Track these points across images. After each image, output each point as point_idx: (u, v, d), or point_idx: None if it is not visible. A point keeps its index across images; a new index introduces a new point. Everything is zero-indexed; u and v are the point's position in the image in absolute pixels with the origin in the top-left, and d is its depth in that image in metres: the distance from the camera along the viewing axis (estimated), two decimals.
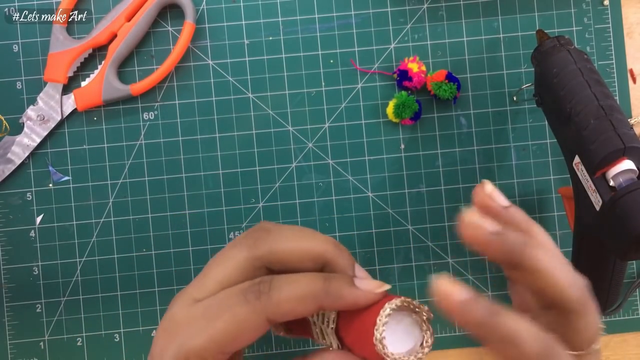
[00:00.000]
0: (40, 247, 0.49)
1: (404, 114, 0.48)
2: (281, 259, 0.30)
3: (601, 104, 0.37)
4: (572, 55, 0.40)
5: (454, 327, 0.50)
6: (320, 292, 0.29)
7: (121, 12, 0.48)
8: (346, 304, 0.29)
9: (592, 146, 0.36)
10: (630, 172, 0.35)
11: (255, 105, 0.50)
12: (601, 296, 0.43)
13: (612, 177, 0.36)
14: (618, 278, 0.42)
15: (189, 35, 0.48)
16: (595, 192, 0.36)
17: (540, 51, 0.42)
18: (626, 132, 0.36)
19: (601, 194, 0.36)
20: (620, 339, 0.51)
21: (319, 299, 0.29)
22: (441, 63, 0.50)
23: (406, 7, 0.50)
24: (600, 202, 0.36)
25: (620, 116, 0.37)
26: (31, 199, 0.50)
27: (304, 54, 0.50)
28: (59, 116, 0.49)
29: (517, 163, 0.50)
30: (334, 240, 0.32)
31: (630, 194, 0.34)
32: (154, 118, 0.50)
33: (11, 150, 0.49)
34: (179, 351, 0.29)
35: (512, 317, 0.27)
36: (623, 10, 0.51)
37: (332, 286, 0.29)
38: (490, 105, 0.50)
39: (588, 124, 0.37)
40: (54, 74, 0.48)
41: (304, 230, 0.32)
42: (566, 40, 0.42)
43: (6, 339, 0.49)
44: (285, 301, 0.28)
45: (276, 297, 0.28)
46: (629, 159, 0.35)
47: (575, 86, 0.38)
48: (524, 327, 0.26)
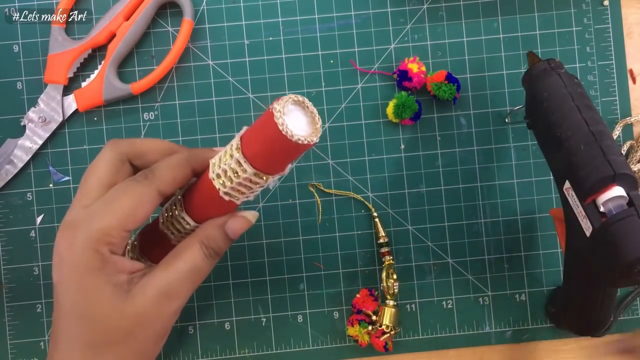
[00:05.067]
0: (40, 247, 0.50)
1: (404, 114, 0.48)
2: (140, 151, 0.37)
3: (591, 129, 0.37)
4: (562, 79, 0.40)
5: (454, 327, 0.50)
6: (189, 157, 0.36)
7: (119, 11, 0.48)
8: (210, 157, 0.36)
9: (582, 172, 0.36)
10: (620, 199, 0.35)
11: (255, 106, 0.50)
12: (592, 318, 0.44)
13: (602, 203, 0.35)
14: (609, 302, 0.42)
15: (187, 32, 0.48)
16: (586, 218, 0.36)
17: (531, 74, 0.42)
18: (616, 159, 0.36)
19: (591, 220, 0.36)
20: (620, 339, 0.51)
21: (190, 162, 0.36)
22: (441, 63, 0.50)
23: (406, 7, 0.50)
24: (591, 228, 0.36)
25: (610, 142, 0.37)
26: (31, 199, 0.50)
27: (304, 54, 0.50)
28: (60, 117, 0.49)
29: (517, 163, 0.51)
30: None
31: (620, 222, 0.34)
32: (154, 118, 0.50)
33: (14, 153, 0.49)
34: (87, 237, 0.33)
35: None
36: (623, 10, 0.51)
37: (196, 151, 0.37)
38: (490, 106, 0.50)
39: (578, 149, 0.37)
40: (54, 75, 0.48)
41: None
42: (557, 63, 0.42)
43: (6, 339, 0.49)
44: (167, 172, 0.35)
45: (159, 172, 0.35)
46: (618, 186, 0.35)
47: (566, 111, 0.38)
48: None
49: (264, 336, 0.50)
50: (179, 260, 0.35)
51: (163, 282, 0.34)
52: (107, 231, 0.33)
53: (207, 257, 0.36)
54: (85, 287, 0.33)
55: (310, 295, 0.50)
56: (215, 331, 0.50)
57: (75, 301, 0.33)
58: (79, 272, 0.33)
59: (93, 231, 0.33)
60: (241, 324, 0.50)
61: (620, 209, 0.35)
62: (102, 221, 0.33)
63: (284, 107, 0.31)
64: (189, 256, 0.35)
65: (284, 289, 0.50)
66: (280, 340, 0.50)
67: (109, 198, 0.34)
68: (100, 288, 0.33)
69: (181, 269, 0.35)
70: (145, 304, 0.33)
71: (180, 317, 0.49)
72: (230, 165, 0.33)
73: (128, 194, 0.34)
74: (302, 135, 0.31)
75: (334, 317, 0.50)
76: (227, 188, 0.34)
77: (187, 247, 0.35)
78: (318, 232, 0.50)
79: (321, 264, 0.50)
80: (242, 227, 0.37)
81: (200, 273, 0.36)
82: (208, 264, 0.36)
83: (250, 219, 0.37)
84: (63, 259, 0.33)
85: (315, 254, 0.50)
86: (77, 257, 0.33)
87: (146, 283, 0.34)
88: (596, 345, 0.51)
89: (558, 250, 0.50)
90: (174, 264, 0.35)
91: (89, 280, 0.33)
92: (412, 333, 0.50)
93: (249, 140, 0.33)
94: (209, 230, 0.36)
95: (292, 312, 0.50)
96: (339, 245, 0.50)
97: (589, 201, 0.36)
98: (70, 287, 0.33)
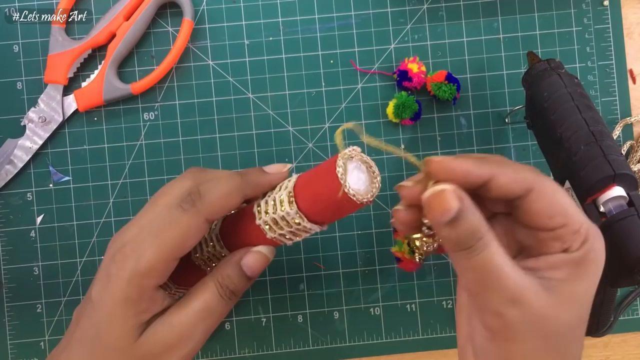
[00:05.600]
0: (40, 247, 0.50)
1: (404, 114, 0.48)
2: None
3: (591, 129, 0.37)
4: (562, 79, 0.40)
5: (454, 327, 0.50)
6: (241, 185, 0.34)
7: (119, 11, 0.48)
8: (263, 186, 0.35)
9: (582, 172, 0.36)
10: (620, 199, 0.35)
11: (255, 106, 0.50)
12: (592, 320, 0.44)
13: (602, 203, 0.35)
14: (609, 302, 0.42)
15: (187, 32, 0.48)
16: None
17: (531, 74, 0.42)
18: (616, 159, 0.36)
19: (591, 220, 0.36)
20: (620, 339, 0.51)
21: (242, 189, 0.34)
22: (441, 63, 0.50)
23: (406, 7, 0.50)
24: None
25: (610, 142, 0.37)
26: (31, 199, 0.50)
27: (304, 55, 0.50)
28: (60, 117, 0.49)
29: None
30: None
31: (620, 222, 0.34)
32: (154, 118, 0.50)
33: (14, 153, 0.49)
34: (135, 268, 0.32)
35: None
36: (623, 10, 0.51)
37: (248, 177, 0.34)
38: (490, 106, 0.50)
39: (578, 149, 0.37)
40: (54, 76, 0.48)
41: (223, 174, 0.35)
42: (557, 63, 0.42)
43: (6, 339, 0.49)
44: (216, 199, 0.33)
45: (208, 199, 0.33)
46: (618, 186, 0.35)
47: (566, 111, 0.38)
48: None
49: (264, 336, 0.50)
50: (193, 300, 0.33)
51: (175, 322, 0.33)
52: (155, 265, 0.32)
53: (222, 298, 0.34)
54: (115, 314, 0.32)
55: (310, 295, 0.50)
56: (216, 331, 0.50)
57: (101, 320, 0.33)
58: (117, 299, 0.32)
59: (141, 265, 0.32)
60: (241, 324, 0.50)
61: (620, 209, 0.35)
62: (150, 253, 0.32)
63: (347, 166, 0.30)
64: (202, 295, 0.34)
65: (284, 289, 0.50)
66: (280, 340, 0.50)
67: (156, 227, 0.32)
68: (124, 321, 0.32)
69: (194, 308, 0.33)
70: (154, 346, 0.33)
71: None
72: (281, 216, 0.33)
73: (175, 225, 0.32)
74: (363, 196, 0.31)
75: (334, 317, 0.50)
76: (276, 234, 0.34)
77: (202, 287, 0.34)
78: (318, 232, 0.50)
79: (321, 264, 0.50)
80: (260, 263, 0.35)
81: (214, 315, 0.34)
82: (223, 304, 0.34)
83: (267, 254, 0.35)
84: (110, 279, 0.32)
85: (315, 254, 0.50)
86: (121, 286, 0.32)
87: (159, 324, 0.33)
88: (596, 345, 0.51)
89: None
90: (188, 303, 0.33)
91: (119, 310, 0.32)
92: (412, 333, 0.50)
93: (304, 194, 0.32)
94: (225, 269, 0.34)
95: (292, 312, 0.50)
96: (339, 245, 0.50)
97: (589, 201, 0.36)
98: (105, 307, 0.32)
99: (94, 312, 0.33)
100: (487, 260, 0.28)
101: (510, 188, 0.29)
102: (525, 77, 0.43)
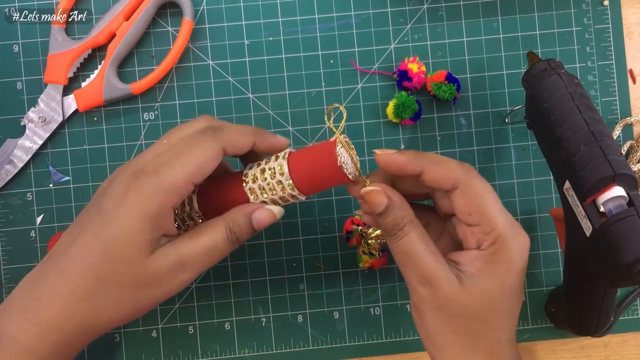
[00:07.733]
0: (40, 247, 0.50)
1: (404, 114, 0.48)
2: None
3: (591, 129, 0.37)
4: (562, 79, 0.40)
5: None
6: (254, 131, 0.38)
7: (119, 11, 0.48)
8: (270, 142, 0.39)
9: (582, 172, 0.36)
10: (620, 199, 0.35)
11: (255, 106, 0.50)
12: (592, 318, 0.44)
13: (602, 203, 0.35)
14: (609, 302, 0.42)
15: (187, 32, 0.48)
16: (586, 218, 0.36)
17: (531, 74, 0.42)
18: (616, 159, 0.36)
19: (591, 220, 0.36)
20: (620, 339, 0.51)
21: (254, 134, 0.38)
22: (441, 63, 0.50)
23: (406, 7, 0.50)
24: (591, 228, 0.36)
25: (610, 142, 0.37)
26: (31, 199, 0.50)
27: (304, 54, 0.50)
28: (60, 117, 0.49)
29: (516, 163, 0.51)
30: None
31: (620, 222, 0.34)
32: (154, 118, 0.50)
33: (14, 153, 0.49)
34: (157, 185, 0.34)
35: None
36: (623, 10, 0.51)
37: (261, 130, 0.39)
38: (490, 106, 0.50)
39: (578, 149, 0.37)
40: (54, 75, 0.48)
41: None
42: (557, 63, 0.42)
43: None
44: (235, 136, 0.37)
45: (228, 133, 0.37)
46: (618, 186, 0.35)
47: (566, 111, 0.38)
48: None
49: (264, 336, 0.50)
50: (203, 236, 0.36)
51: (184, 250, 0.35)
52: (177, 183, 0.34)
53: (228, 240, 0.37)
54: (132, 228, 0.34)
55: (310, 295, 0.50)
56: (215, 331, 0.50)
57: (114, 233, 0.34)
58: (135, 214, 0.34)
59: (164, 182, 0.34)
60: (241, 324, 0.50)
61: (620, 209, 0.35)
62: (173, 172, 0.34)
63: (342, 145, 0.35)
64: (212, 233, 0.36)
65: (284, 289, 0.50)
66: (280, 340, 0.50)
67: (179, 149, 0.35)
68: (141, 236, 0.34)
69: (202, 243, 0.36)
70: (163, 266, 0.35)
71: (181, 317, 0.49)
72: (272, 184, 0.36)
73: (199, 146, 0.35)
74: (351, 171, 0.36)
75: (334, 317, 0.50)
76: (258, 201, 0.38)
77: (212, 225, 0.37)
78: (318, 232, 0.50)
79: (321, 264, 0.50)
80: (268, 219, 0.38)
81: (218, 252, 0.37)
82: (227, 246, 0.37)
83: (276, 214, 0.38)
84: (128, 195, 0.34)
85: (315, 254, 0.50)
86: (142, 201, 0.34)
87: (169, 248, 0.36)
88: (596, 345, 0.51)
89: (558, 250, 0.50)
90: (198, 237, 0.36)
91: (138, 224, 0.34)
92: (412, 333, 0.50)
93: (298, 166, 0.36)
94: (236, 215, 0.37)
95: (292, 312, 0.50)
96: (339, 245, 0.50)
97: (589, 201, 0.36)
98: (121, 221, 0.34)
99: (105, 226, 0.34)
100: (406, 245, 0.35)
101: (439, 182, 0.35)
102: (525, 77, 0.43)
